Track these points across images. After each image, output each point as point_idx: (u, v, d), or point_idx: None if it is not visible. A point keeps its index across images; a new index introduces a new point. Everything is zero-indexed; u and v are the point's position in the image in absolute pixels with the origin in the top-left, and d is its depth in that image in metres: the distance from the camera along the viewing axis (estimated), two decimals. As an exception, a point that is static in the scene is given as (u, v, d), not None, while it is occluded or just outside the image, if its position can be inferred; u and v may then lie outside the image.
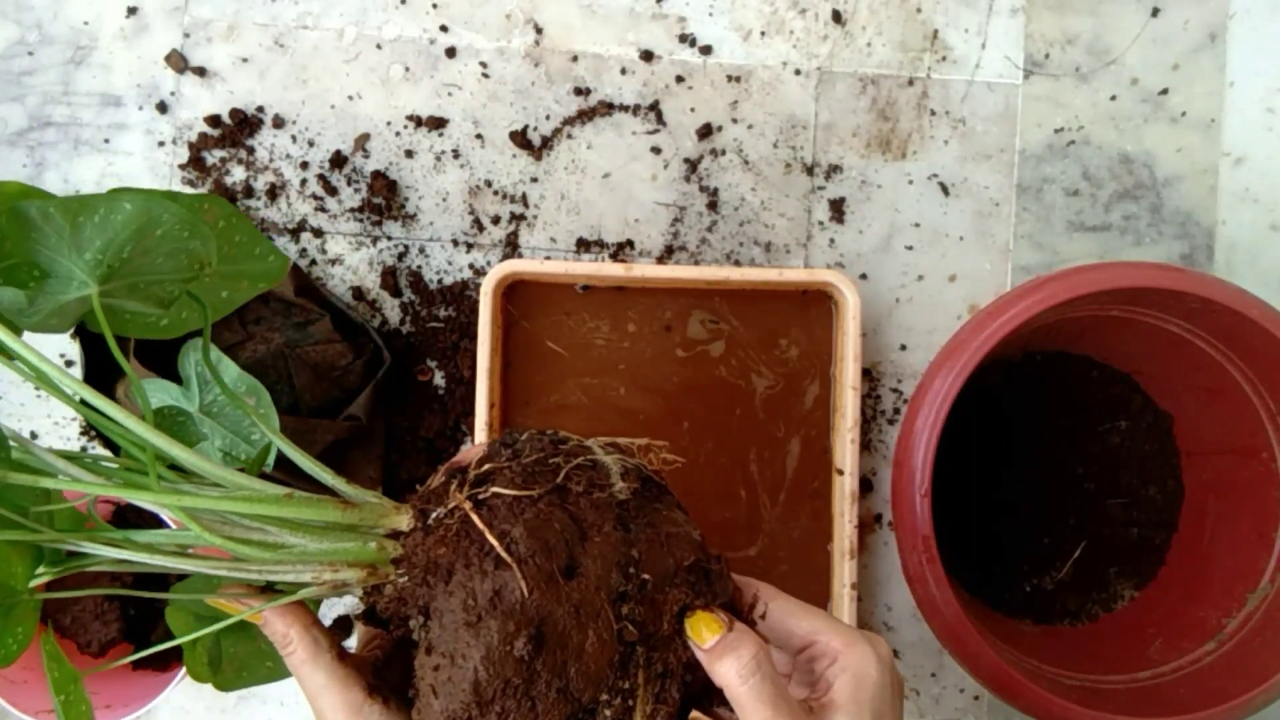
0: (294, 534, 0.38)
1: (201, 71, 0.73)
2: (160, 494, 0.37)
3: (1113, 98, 0.74)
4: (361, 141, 0.73)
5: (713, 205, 0.73)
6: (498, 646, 0.36)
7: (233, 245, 0.43)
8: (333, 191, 0.73)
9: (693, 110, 0.73)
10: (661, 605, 0.38)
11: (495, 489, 0.39)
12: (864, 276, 0.73)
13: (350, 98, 0.73)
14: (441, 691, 0.38)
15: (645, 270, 0.68)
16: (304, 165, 0.73)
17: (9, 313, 0.38)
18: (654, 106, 0.73)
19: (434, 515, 0.39)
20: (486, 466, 0.40)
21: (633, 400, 0.70)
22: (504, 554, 0.37)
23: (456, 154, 0.73)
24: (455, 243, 0.73)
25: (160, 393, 0.48)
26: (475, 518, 0.38)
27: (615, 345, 0.70)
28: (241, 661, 0.47)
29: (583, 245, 0.73)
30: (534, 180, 0.73)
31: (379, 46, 0.73)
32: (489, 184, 0.73)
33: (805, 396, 0.71)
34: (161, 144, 0.74)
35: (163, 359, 0.50)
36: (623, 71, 0.73)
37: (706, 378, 0.70)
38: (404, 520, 0.40)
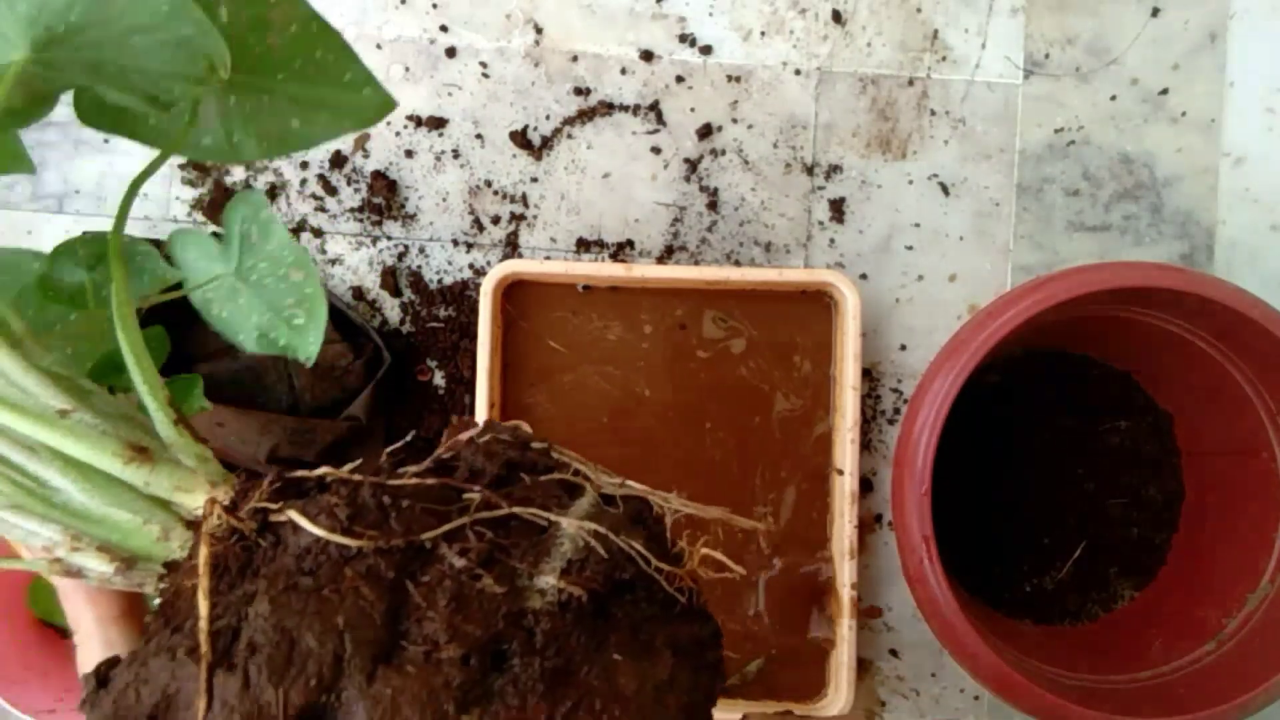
0: (64, 474, 0.26)
1: (201, 71, 0.73)
2: None
3: (1113, 98, 0.74)
4: (361, 141, 0.73)
5: (713, 205, 0.73)
6: None
7: (310, 61, 0.34)
8: (332, 191, 0.73)
9: (693, 110, 0.73)
10: None
11: (295, 515, 0.23)
12: (864, 276, 0.73)
13: (350, 98, 0.73)
14: None
15: (645, 270, 0.68)
16: (304, 165, 0.73)
17: None
18: (654, 106, 0.73)
19: (244, 510, 0.25)
20: (322, 470, 0.25)
21: (631, 399, 0.70)
22: (202, 638, 0.22)
23: (456, 154, 0.73)
24: (455, 243, 0.73)
25: (198, 247, 0.39)
26: (203, 559, 0.23)
27: (612, 343, 0.70)
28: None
29: (583, 245, 0.73)
30: (534, 180, 0.73)
31: (379, 46, 0.73)
32: (489, 184, 0.73)
33: (807, 396, 0.71)
34: (161, 144, 0.74)
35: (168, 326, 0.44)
36: (623, 71, 0.73)
37: (705, 375, 0.70)
38: (214, 503, 0.25)
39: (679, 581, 0.25)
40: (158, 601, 0.25)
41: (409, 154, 0.73)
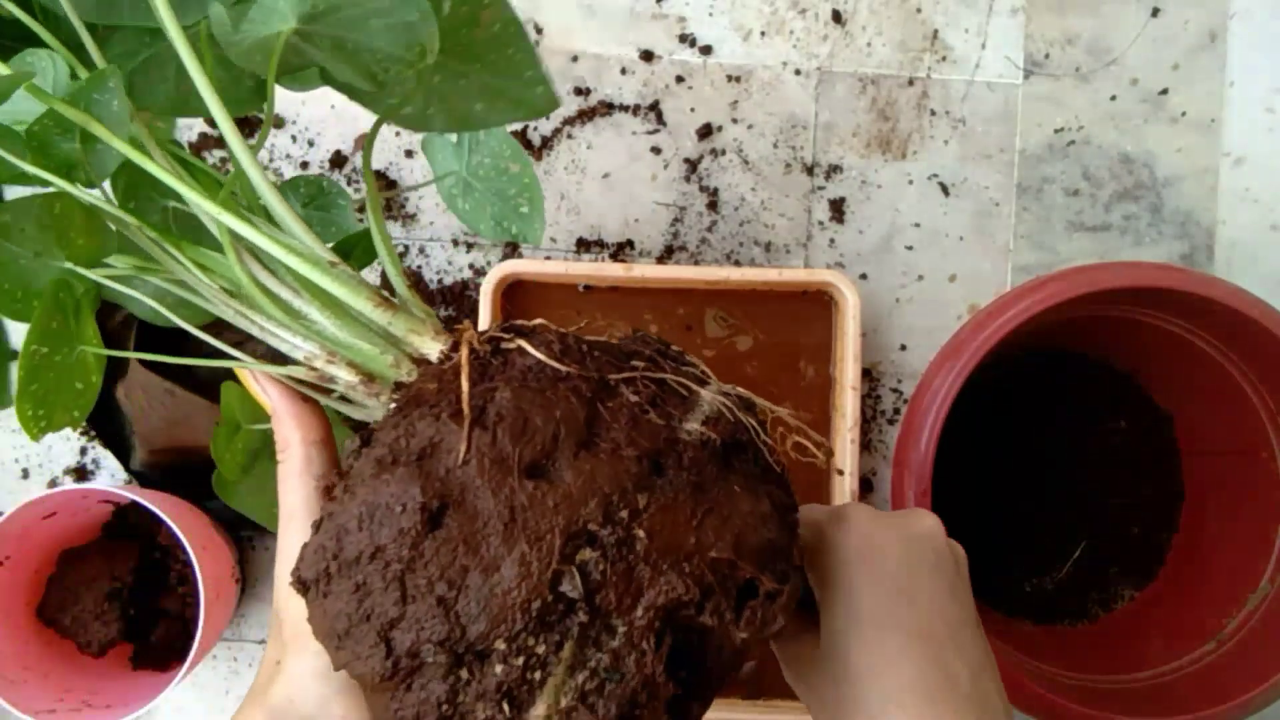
0: (321, 311, 0.34)
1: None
2: (211, 199, 0.34)
3: (1113, 98, 0.74)
4: (361, 141, 0.73)
5: (713, 205, 0.73)
6: (387, 500, 0.29)
7: (502, 57, 0.39)
8: (333, 191, 0.73)
9: (693, 110, 0.73)
10: (641, 584, 0.29)
11: (524, 344, 0.32)
12: (864, 276, 0.73)
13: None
14: (320, 531, 0.31)
15: (645, 270, 0.68)
16: (304, 165, 0.73)
17: (219, 35, 0.34)
18: (654, 106, 0.73)
19: (485, 336, 0.33)
20: (539, 321, 0.33)
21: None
22: (465, 404, 0.30)
23: (456, 154, 0.73)
24: (455, 243, 0.73)
25: (441, 149, 0.44)
26: (464, 355, 0.31)
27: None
28: (264, 485, 0.44)
29: (583, 245, 0.73)
30: (534, 180, 0.73)
31: (379, 46, 0.73)
32: (489, 184, 0.73)
33: (807, 396, 0.71)
34: (161, 144, 0.74)
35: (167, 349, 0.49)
36: (623, 71, 0.73)
37: (717, 373, 0.70)
38: (437, 348, 0.34)
39: (775, 455, 0.34)
40: (392, 405, 0.32)
41: (409, 154, 0.73)
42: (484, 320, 0.66)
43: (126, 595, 0.70)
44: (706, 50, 0.74)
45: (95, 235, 0.35)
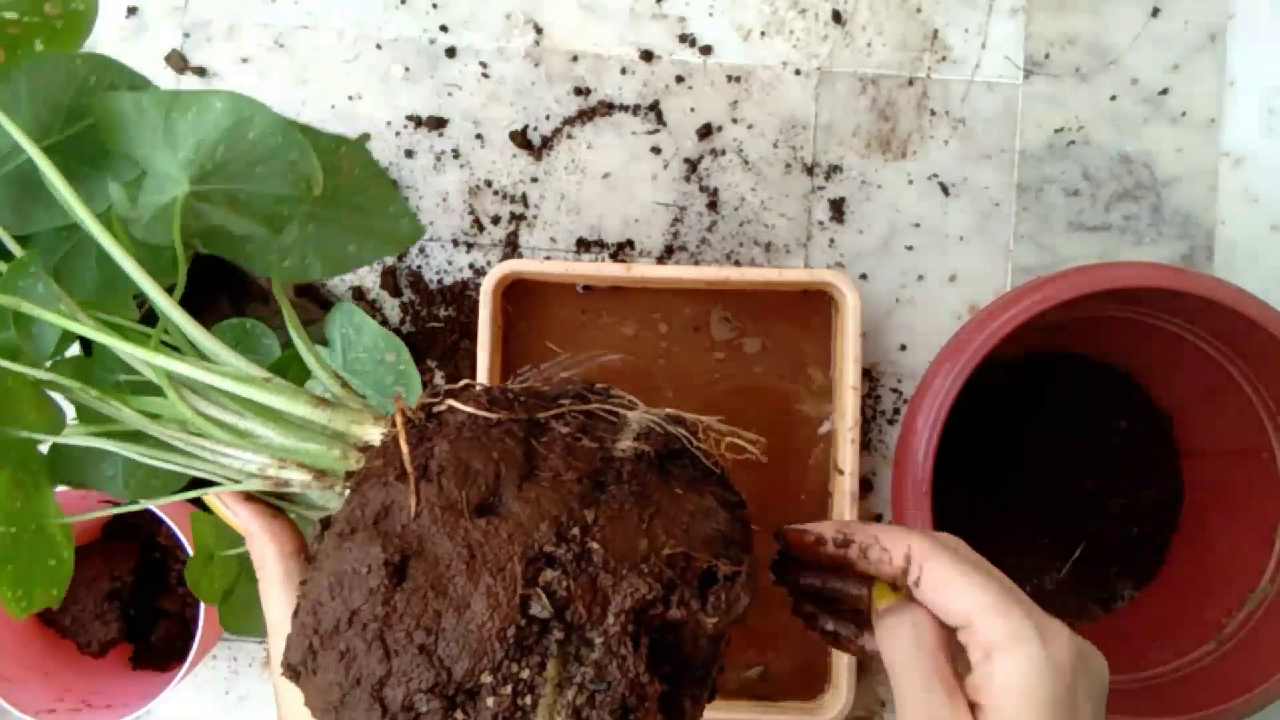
0: (264, 424, 0.36)
1: (202, 71, 0.73)
2: (143, 346, 0.36)
3: (1113, 98, 0.74)
4: (361, 141, 0.73)
5: (713, 205, 0.73)
6: (352, 565, 0.30)
7: (367, 197, 0.42)
8: (333, 191, 0.73)
9: (693, 110, 0.73)
10: (606, 592, 0.30)
11: (453, 402, 0.34)
12: (864, 276, 0.73)
13: (350, 98, 0.73)
14: (298, 614, 0.32)
15: (645, 270, 0.68)
16: (304, 165, 0.73)
17: (121, 214, 0.37)
18: (654, 106, 0.73)
19: (415, 406, 0.35)
20: (464, 381, 0.35)
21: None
22: (407, 464, 0.32)
23: (456, 154, 0.73)
24: (455, 243, 0.73)
25: (254, 321, 0.48)
26: (399, 422, 0.33)
27: (612, 343, 0.70)
28: (259, 610, 0.46)
29: (583, 245, 0.73)
30: (534, 180, 0.73)
31: (379, 46, 0.73)
32: (489, 184, 0.73)
33: (806, 394, 0.71)
34: (161, 144, 0.74)
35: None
36: (623, 71, 0.73)
37: (705, 375, 0.70)
38: (377, 431, 0.36)
39: (712, 460, 0.35)
40: (346, 492, 0.34)
41: (409, 154, 0.73)
42: (484, 321, 0.67)
43: (126, 595, 0.70)
44: (706, 50, 0.74)
45: (46, 408, 0.37)
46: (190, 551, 0.60)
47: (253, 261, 0.42)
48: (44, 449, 0.39)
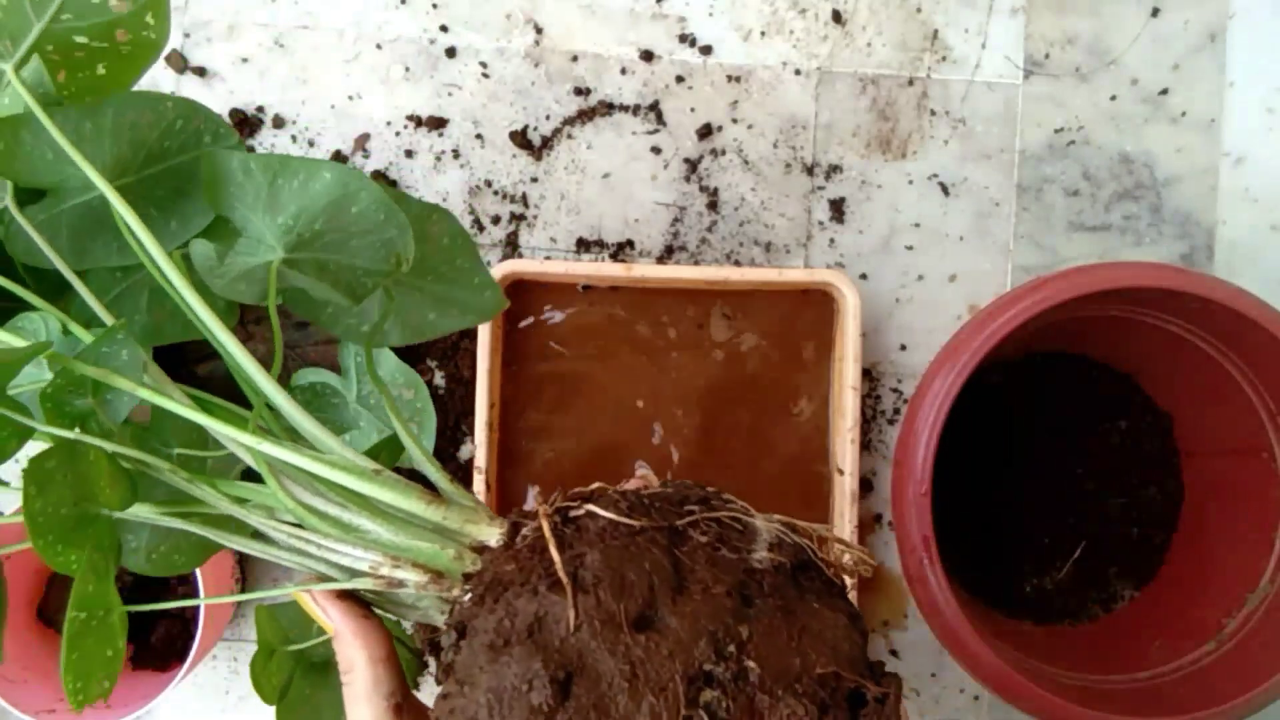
0: (372, 519, 0.35)
1: (201, 71, 0.73)
2: (248, 431, 0.35)
3: (1113, 98, 0.74)
4: (361, 141, 0.73)
5: (713, 205, 0.73)
6: (513, 682, 0.29)
7: (452, 267, 0.41)
8: (333, 191, 0.73)
9: (693, 110, 0.73)
10: (764, 713, 0.29)
11: (591, 507, 0.33)
12: (864, 276, 0.73)
13: (350, 98, 0.73)
14: None
15: (645, 270, 0.68)
16: (304, 165, 0.73)
17: (201, 269, 0.36)
18: (654, 106, 0.73)
19: (524, 531, 0.34)
20: (598, 485, 0.35)
21: (631, 397, 0.70)
22: (562, 574, 0.31)
23: (456, 154, 0.73)
24: (455, 243, 0.73)
25: (322, 381, 0.46)
26: (546, 528, 0.32)
27: (611, 342, 0.70)
28: (315, 707, 0.44)
29: (583, 245, 0.73)
30: (534, 180, 0.73)
31: (379, 46, 0.73)
32: (489, 184, 0.73)
33: (807, 396, 0.71)
34: (161, 144, 0.74)
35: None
36: (623, 71, 0.73)
37: (705, 375, 0.70)
38: (495, 533, 0.34)
39: (833, 571, 0.35)
40: (468, 596, 0.33)
41: (409, 154, 0.73)
42: (484, 322, 0.67)
43: (127, 596, 0.70)
44: (706, 50, 0.74)
45: (120, 483, 0.36)
46: (199, 578, 0.60)
47: (332, 325, 0.42)
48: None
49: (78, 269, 0.39)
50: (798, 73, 0.74)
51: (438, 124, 0.73)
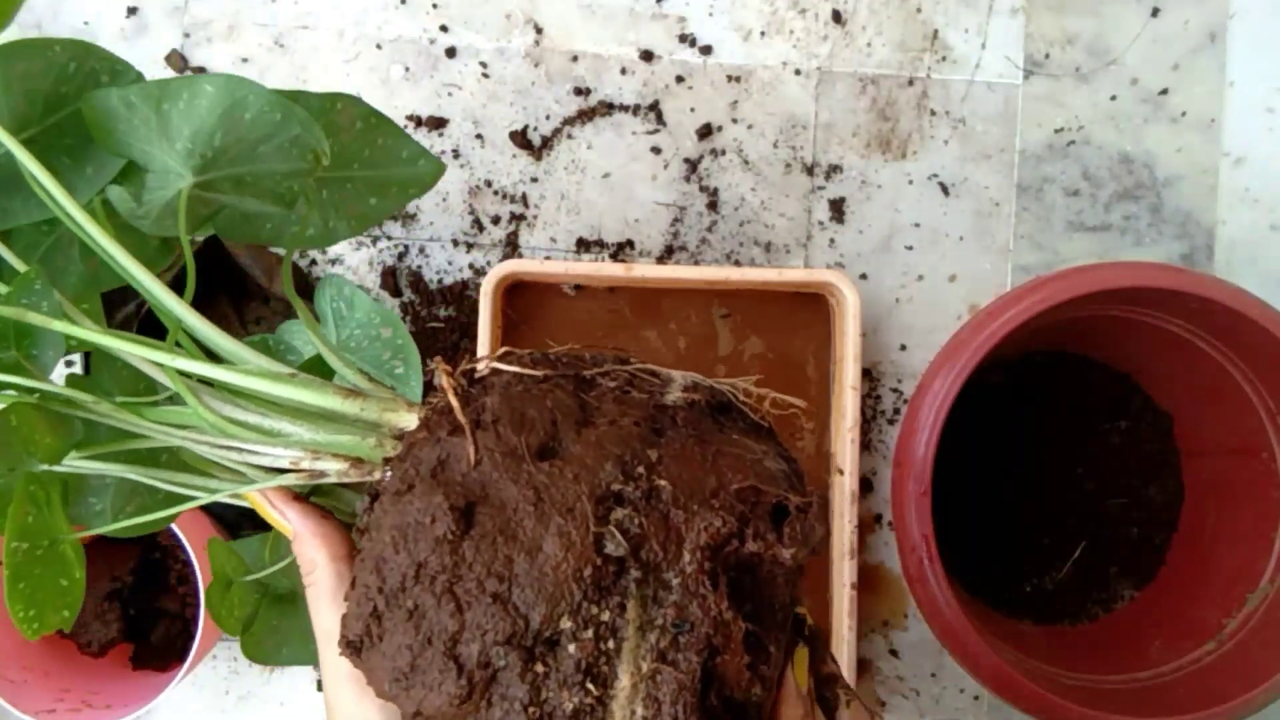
0: (293, 421, 0.35)
1: (202, 71, 0.74)
2: (161, 351, 0.35)
3: (1113, 98, 0.74)
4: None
5: (713, 205, 0.73)
6: (415, 517, 0.29)
7: (375, 149, 0.41)
8: (333, 191, 0.73)
9: (693, 110, 0.73)
10: (680, 529, 0.29)
11: (495, 364, 0.33)
12: (864, 276, 0.73)
13: (350, 98, 0.73)
14: (357, 581, 0.30)
15: (645, 270, 0.68)
16: (304, 165, 0.73)
17: (126, 215, 0.36)
18: (654, 106, 0.73)
19: (436, 402, 0.33)
20: (504, 349, 0.34)
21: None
22: (461, 418, 0.31)
23: (456, 154, 0.73)
24: (455, 243, 0.73)
25: (301, 332, 0.46)
26: (446, 382, 0.32)
27: (611, 342, 0.70)
28: (284, 636, 0.44)
29: (583, 245, 0.73)
30: (534, 180, 0.73)
31: (379, 46, 0.73)
32: (489, 184, 0.73)
33: (807, 396, 0.71)
34: (161, 144, 0.74)
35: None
36: (623, 71, 0.73)
37: (704, 375, 0.70)
38: (414, 419, 0.34)
39: (760, 415, 0.34)
40: (387, 475, 0.32)
41: (409, 154, 0.73)
42: (484, 321, 0.66)
43: (126, 595, 0.70)
44: (706, 50, 0.74)
45: (59, 430, 0.35)
46: (191, 554, 0.60)
47: (275, 239, 0.41)
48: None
49: (3, 229, 0.38)
50: (798, 73, 0.74)
51: (438, 124, 0.73)
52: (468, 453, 0.30)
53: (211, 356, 0.37)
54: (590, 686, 0.28)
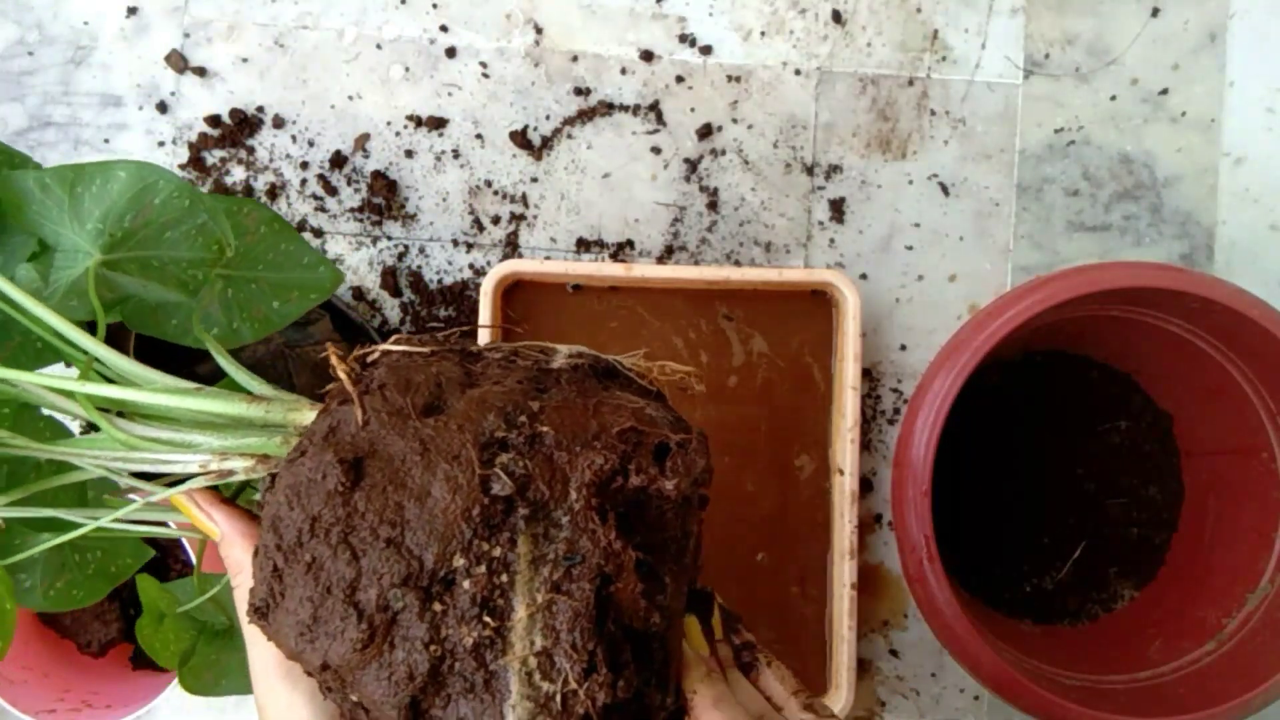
0: (202, 432, 0.37)
1: (202, 71, 0.73)
2: (68, 380, 0.36)
3: (1113, 98, 0.74)
4: (361, 141, 0.73)
5: (713, 205, 0.73)
6: (307, 475, 0.30)
7: (278, 253, 0.43)
8: (333, 191, 0.73)
9: (693, 110, 0.73)
10: (564, 469, 0.30)
11: (385, 346, 0.34)
12: (864, 276, 0.73)
13: (350, 98, 0.73)
14: (259, 547, 0.31)
15: (645, 270, 0.68)
16: (304, 165, 0.73)
17: (34, 294, 0.37)
18: (654, 106, 0.73)
19: (330, 389, 0.35)
20: (396, 335, 0.36)
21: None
22: (350, 388, 0.32)
23: (456, 154, 0.73)
24: (455, 243, 0.73)
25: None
26: (334, 359, 0.34)
27: (611, 342, 0.70)
28: (222, 669, 0.45)
29: (583, 245, 0.73)
30: (534, 180, 0.73)
31: (379, 46, 0.73)
32: (489, 184, 0.73)
33: (807, 396, 0.71)
34: (162, 144, 0.74)
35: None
36: (623, 71, 0.73)
37: (705, 375, 0.70)
38: (315, 414, 0.35)
39: (649, 381, 0.36)
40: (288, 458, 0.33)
41: (409, 154, 0.73)
42: (484, 321, 0.67)
43: (126, 595, 0.70)
44: (706, 50, 0.74)
45: None
46: (191, 553, 0.60)
47: (180, 335, 0.42)
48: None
49: None
50: (798, 73, 0.74)
51: (438, 124, 0.73)
52: (356, 415, 0.31)
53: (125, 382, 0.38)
54: (488, 619, 0.29)
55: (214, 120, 0.73)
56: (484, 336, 0.66)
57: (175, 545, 0.71)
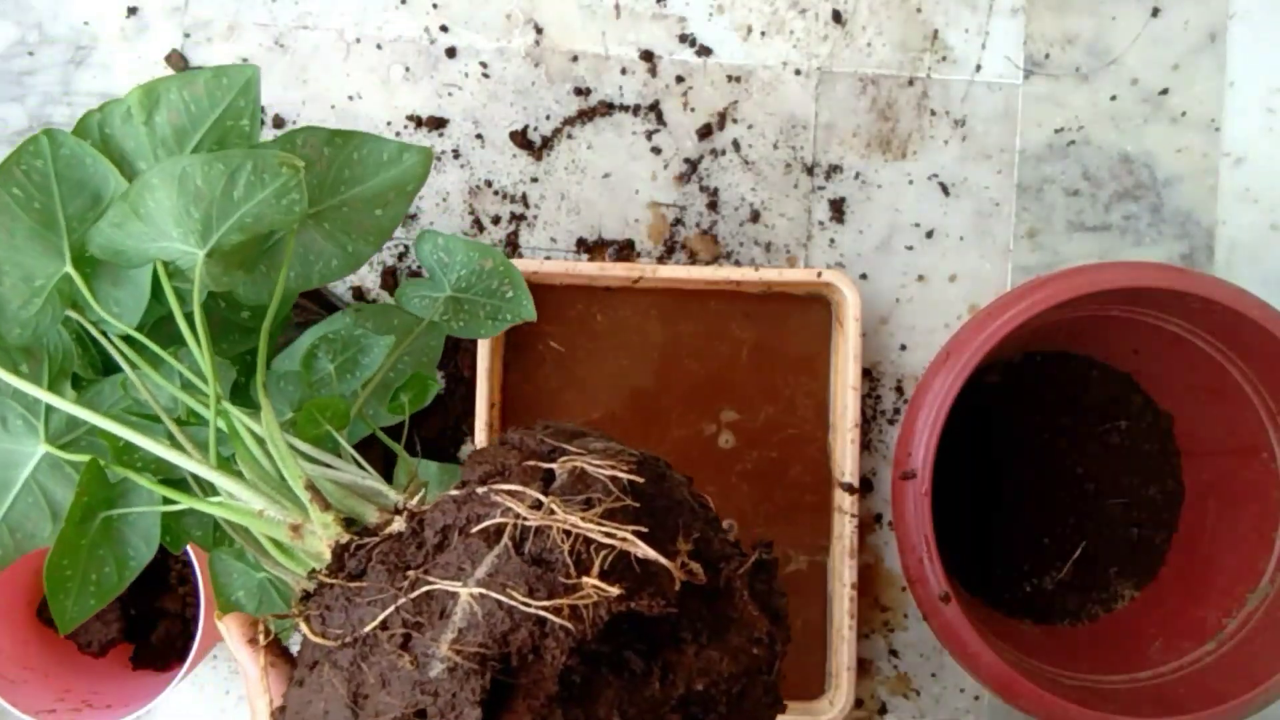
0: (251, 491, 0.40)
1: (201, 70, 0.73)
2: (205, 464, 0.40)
3: (1113, 98, 0.74)
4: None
5: (713, 205, 0.73)
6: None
7: (353, 165, 0.44)
8: (333, 191, 0.73)
9: (693, 110, 0.73)
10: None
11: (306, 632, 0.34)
12: (864, 276, 0.73)
13: (350, 98, 0.73)
14: None
15: (646, 270, 0.68)
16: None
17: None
18: (654, 106, 0.73)
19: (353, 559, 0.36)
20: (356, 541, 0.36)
21: (632, 396, 0.70)
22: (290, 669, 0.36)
23: (456, 154, 0.73)
24: (455, 243, 0.73)
25: (415, 293, 0.51)
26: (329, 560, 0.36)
27: (611, 342, 0.70)
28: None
29: (583, 245, 0.73)
30: (534, 180, 0.73)
31: (379, 46, 0.73)
32: (489, 184, 0.73)
33: (807, 396, 0.71)
34: (161, 144, 0.74)
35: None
36: (623, 71, 0.73)
37: (705, 375, 0.70)
38: (397, 497, 0.38)
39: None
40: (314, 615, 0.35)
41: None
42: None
43: (126, 595, 0.70)
44: (706, 50, 0.74)
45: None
46: (191, 554, 0.60)
47: (304, 282, 0.45)
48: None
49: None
50: (798, 73, 0.74)
51: (438, 124, 0.73)
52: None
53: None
54: None
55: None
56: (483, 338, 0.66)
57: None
